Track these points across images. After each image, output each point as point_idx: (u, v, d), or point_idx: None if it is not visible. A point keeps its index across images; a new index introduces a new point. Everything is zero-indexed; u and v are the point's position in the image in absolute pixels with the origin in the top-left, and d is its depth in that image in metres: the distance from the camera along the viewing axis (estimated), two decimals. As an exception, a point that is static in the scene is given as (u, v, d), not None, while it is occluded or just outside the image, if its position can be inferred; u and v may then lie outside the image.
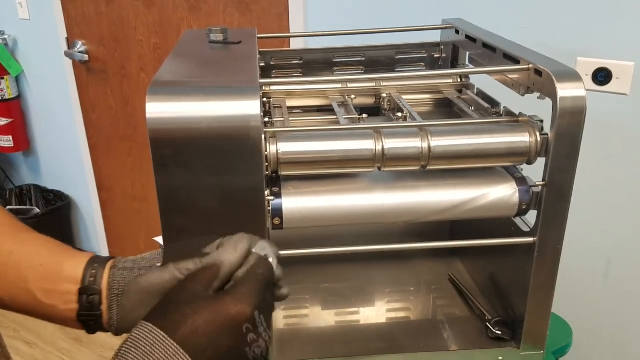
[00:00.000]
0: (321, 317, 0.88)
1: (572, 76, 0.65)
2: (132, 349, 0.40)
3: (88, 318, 0.51)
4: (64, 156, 2.45)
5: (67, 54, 2.12)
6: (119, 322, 0.51)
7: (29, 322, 2.21)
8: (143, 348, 0.40)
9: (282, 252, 0.71)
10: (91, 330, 0.53)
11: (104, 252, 2.48)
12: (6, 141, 2.43)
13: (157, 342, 0.40)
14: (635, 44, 1.14)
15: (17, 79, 2.39)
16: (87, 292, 0.51)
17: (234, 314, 0.42)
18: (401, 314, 0.90)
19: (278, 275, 0.51)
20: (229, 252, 0.47)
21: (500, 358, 0.77)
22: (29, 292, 0.51)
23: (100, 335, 1.99)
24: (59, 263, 0.52)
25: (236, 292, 0.44)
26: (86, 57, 2.11)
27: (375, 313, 0.90)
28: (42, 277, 0.51)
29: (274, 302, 0.49)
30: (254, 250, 0.50)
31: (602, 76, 1.17)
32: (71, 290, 0.51)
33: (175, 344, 0.40)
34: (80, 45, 2.11)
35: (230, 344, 0.42)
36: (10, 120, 2.39)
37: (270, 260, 0.49)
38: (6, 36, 2.31)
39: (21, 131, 2.47)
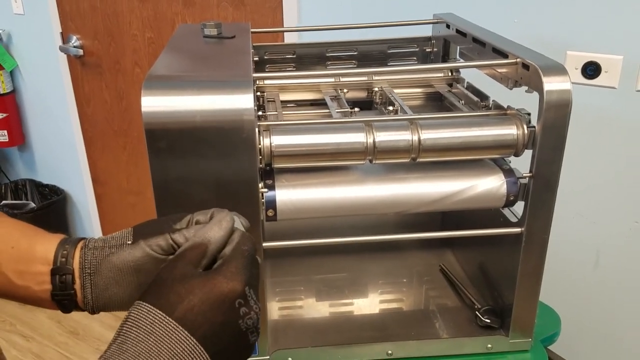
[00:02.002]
0: (315, 308, 0.90)
1: (558, 70, 0.66)
2: (134, 328, 0.42)
3: (62, 298, 0.52)
4: (59, 151, 2.45)
5: (61, 49, 2.12)
6: (93, 300, 0.52)
7: (25, 316, 2.22)
8: (144, 327, 0.42)
9: (276, 244, 0.73)
10: (66, 309, 0.54)
11: (100, 246, 2.49)
12: (1, 136, 2.43)
13: (156, 321, 0.42)
14: (624, 38, 1.16)
15: (12, 74, 2.39)
16: (60, 272, 0.52)
17: (226, 292, 0.44)
18: (393, 304, 0.92)
19: None
20: (215, 230, 0.48)
21: (489, 346, 0.79)
22: (1, 274, 0.52)
23: (96, 328, 2.00)
24: (30, 245, 0.53)
25: (226, 270, 0.45)
26: (81, 51, 2.11)
27: (368, 303, 0.92)
28: (15, 259, 0.52)
29: (259, 274, 0.50)
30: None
31: (591, 70, 1.19)
32: (43, 271, 0.52)
33: (174, 322, 0.42)
34: (74, 40, 2.11)
35: (224, 319, 0.44)
36: (5, 115, 2.39)
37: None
38: (0, 31, 2.31)
39: (16, 126, 2.47)
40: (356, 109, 0.81)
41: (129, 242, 0.52)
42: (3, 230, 0.54)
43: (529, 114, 0.71)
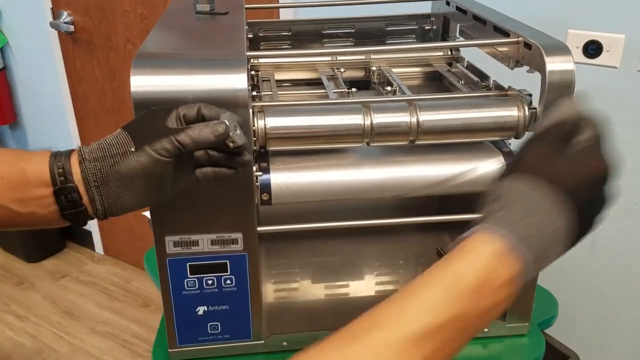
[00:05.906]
0: (310, 291, 0.89)
1: (561, 49, 0.64)
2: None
3: (74, 215, 0.51)
4: (51, 129, 2.42)
5: (52, 25, 2.08)
6: (106, 209, 0.52)
7: (20, 296, 2.21)
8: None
9: (271, 228, 0.71)
10: (79, 224, 0.53)
11: (94, 227, 2.48)
12: (-8, 114, 2.40)
13: None
14: (626, 16, 1.13)
15: (2, 51, 2.35)
16: (64, 192, 0.50)
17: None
18: (389, 287, 0.91)
19: (244, 143, 0.55)
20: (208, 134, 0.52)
21: (486, 330, 0.78)
22: (2, 207, 0.51)
23: (91, 308, 1.97)
24: (20, 171, 0.51)
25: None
26: (72, 27, 2.06)
27: (364, 286, 0.91)
28: (10, 189, 0.51)
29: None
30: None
31: (592, 49, 1.17)
32: (45, 194, 0.51)
33: None
34: (65, 16, 2.07)
35: None
36: (-5, 93, 2.36)
37: (234, 127, 0.54)
38: (-11, 6, 2.26)
39: (7, 104, 2.43)
40: (353, 89, 0.79)
41: (132, 150, 0.51)
42: None
43: (530, 95, 0.69)
